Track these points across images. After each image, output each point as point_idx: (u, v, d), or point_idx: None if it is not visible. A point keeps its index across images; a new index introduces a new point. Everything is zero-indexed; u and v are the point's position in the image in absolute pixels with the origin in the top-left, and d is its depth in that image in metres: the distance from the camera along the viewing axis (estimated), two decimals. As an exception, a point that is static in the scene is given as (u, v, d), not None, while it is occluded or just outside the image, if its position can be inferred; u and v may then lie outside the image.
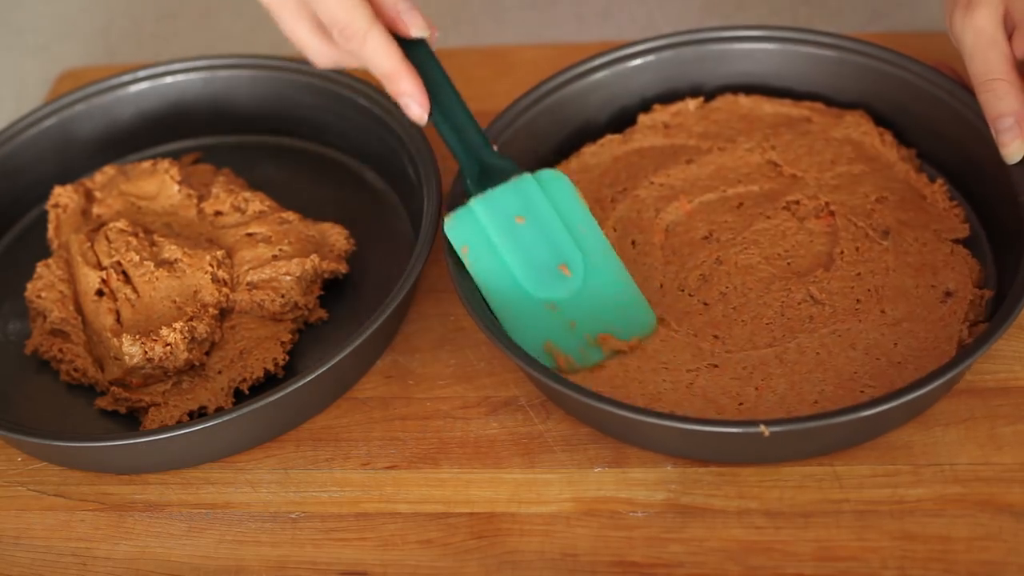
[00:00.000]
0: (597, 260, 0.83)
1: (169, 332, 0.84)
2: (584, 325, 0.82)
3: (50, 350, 0.88)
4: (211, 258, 0.88)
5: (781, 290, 0.83)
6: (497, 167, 0.84)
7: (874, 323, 0.81)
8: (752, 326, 0.82)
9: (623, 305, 0.83)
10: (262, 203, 0.92)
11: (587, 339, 0.82)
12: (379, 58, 0.80)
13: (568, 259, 0.83)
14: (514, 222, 0.83)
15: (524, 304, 0.83)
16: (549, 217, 0.84)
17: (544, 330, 0.82)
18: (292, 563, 0.78)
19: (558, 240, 0.83)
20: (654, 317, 0.82)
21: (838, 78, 0.92)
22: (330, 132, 1.00)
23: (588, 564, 0.76)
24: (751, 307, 0.83)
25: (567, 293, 0.83)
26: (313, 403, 0.84)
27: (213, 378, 0.85)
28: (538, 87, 0.92)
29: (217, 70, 1.00)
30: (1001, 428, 0.78)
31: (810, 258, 0.85)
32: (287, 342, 0.87)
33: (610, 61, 0.93)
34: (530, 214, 0.83)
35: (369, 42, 0.80)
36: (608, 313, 0.82)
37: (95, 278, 0.88)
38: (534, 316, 0.82)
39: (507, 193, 0.84)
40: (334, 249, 0.91)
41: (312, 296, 0.89)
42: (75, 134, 1.00)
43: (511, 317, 0.82)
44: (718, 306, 0.83)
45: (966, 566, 0.73)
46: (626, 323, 0.82)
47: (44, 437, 0.81)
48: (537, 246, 0.83)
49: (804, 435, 0.75)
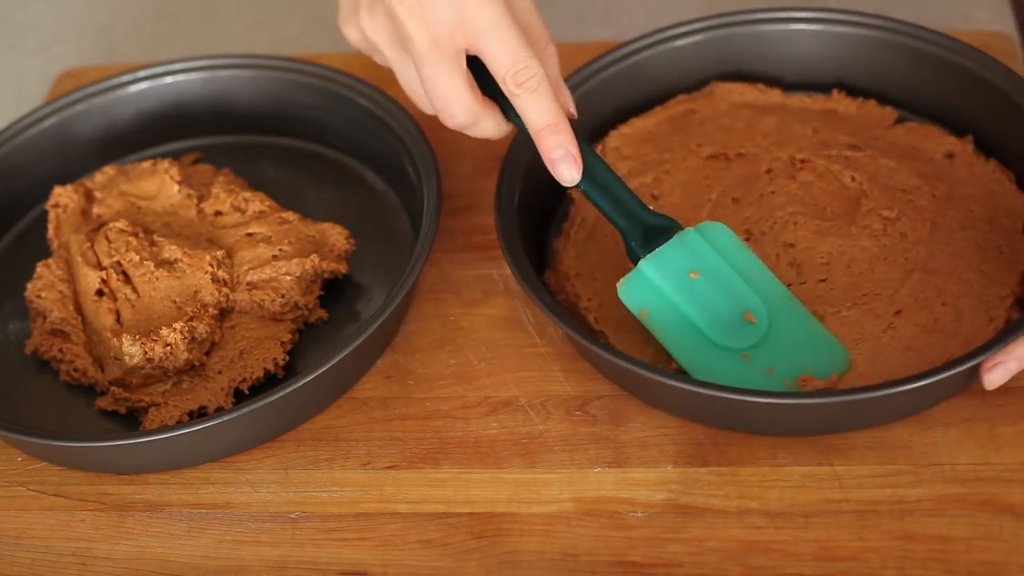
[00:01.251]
0: (777, 303, 0.82)
1: (169, 332, 0.84)
2: (782, 369, 0.80)
3: (50, 350, 0.88)
4: (211, 258, 0.88)
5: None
6: (658, 225, 0.82)
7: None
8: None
9: (814, 344, 0.81)
10: (262, 203, 0.92)
11: (787, 384, 0.80)
12: (546, 107, 0.78)
13: (751, 306, 0.82)
14: (688, 278, 0.82)
15: (717, 357, 0.81)
16: (721, 268, 0.82)
17: (743, 380, 0.80)
18: (292, 563, 0.78)
19: (736, 289, 0.82)
20: (847, 352, 0.81)
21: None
22: (330, 132, 1.00)
23: (588, 564, 0.76)
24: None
25: (756, 340, 0.81)
26: (313, 403, 0.84)
27: (213, 378, 0.85)
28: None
29: (217, 70, 1.00)
30: (1001, 428, 0.78)
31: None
32: (287, 342, 0.87)
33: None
34: (703, 267, 0.82)
35: (541, 89, 0.77)
36: (802, 353, 0.81)
37: (95, 278, 0.88)
38: (730, 368, 0.81)
39: (675, 250, 0.82)
40: (334, 249, 0.91)
41: (312, 296, 0.89)
42: (75, 134, 1.00)
43: (707, 372, 0.80)
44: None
45: (966, 566, 0.73)
46: (820, 361, 0.81)
47: (44, 437, 0.81)
48: (717, 298, 0.81)
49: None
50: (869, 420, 0.78)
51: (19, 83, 1.18)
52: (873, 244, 0.85)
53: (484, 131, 0.80)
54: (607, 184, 0.82)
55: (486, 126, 0.80)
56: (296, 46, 1.16)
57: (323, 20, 1.18)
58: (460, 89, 0.78)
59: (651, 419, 0.81)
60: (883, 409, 0.78)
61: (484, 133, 0.81)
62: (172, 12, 1.23)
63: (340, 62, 1.00)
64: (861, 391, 0.74)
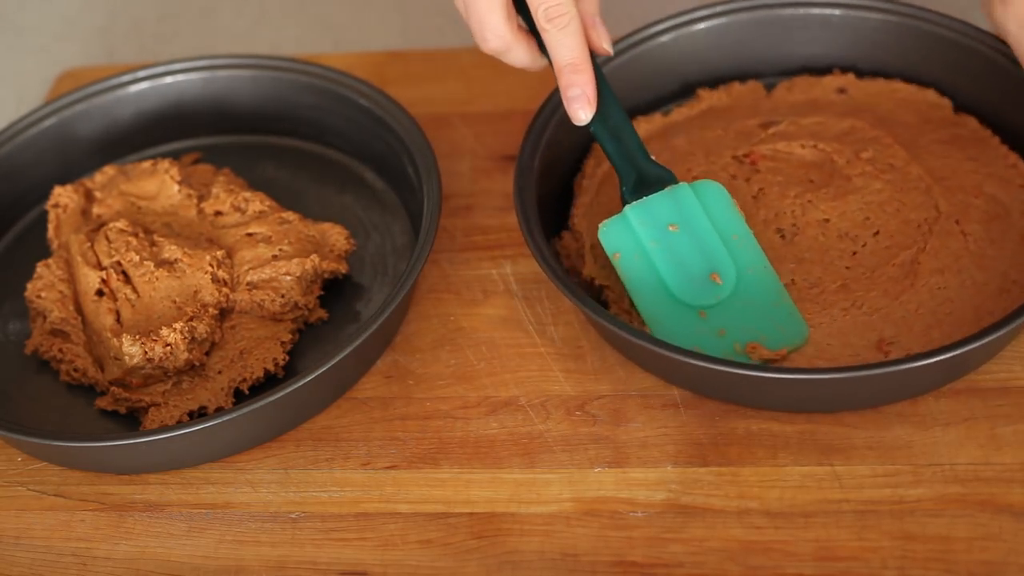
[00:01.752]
0: (750, 270, 0.83)
1: (169, 332, 0.84)
2: (734, 334, 0.81)
3: (50, 350, 0.88)
4: (211, 258, 0.88)
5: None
6: (654, 175, 0.84)
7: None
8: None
9: (775, 316, 0.82)
10: (262, 203, 0.92)
11: (736, 347, 0.81)
12: (571, 45, 0.81)
13: (720, 267, 0.83)
14: (667, 230, 0.83)
15: (674, 310, 0.82)
16: (701, 225, 0.83)
17: (693, 336, 0.81)
18: (292, 563, 0.78)
19: (710, 248, 0.83)
20: (807, 329, 0.82)
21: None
22: (330, 132, 1.00)
23: (588, 564, 0.76)
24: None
25: (716, 301, 0.82)
26: (313, 403, 0.84)
27: (213, 378, 0.85)
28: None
29: (217, 70, 1.00)
30: (1001, 428, 0.78)
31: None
32: (287, 342, 0.87)
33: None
34: (684, 222, 0.83)
35: (570, 27, 0.80)
36: (759, 323, 0.82)
37: (95, 278, 0.88)
38: (684, 322, 0.82)
39: (662, 201, 0.84)
40: (334, 249, 0.91)
41: (312, 296, 0.89)
42: (75, 134, 1.00)
43: (660, 322, 0.82)
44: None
45: (966, 566, 0.73)
46: (777, 333, 0.81)
47: (44, 437, 0.81)
48: (689, 254, 0.83)
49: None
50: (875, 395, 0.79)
51: (19, 83, 1.18)
52: (883, 184, 0.86)
53: (517, 60, 0.83)
54: (616, 128, 0.84)
55: (518, 55, 0.83)
56: (296, 46, 1.16)
57: (323, 20, 1.18)
58: (496, 13, 0.80)
59: (651, 419, 0.81)
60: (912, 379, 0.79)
61: (517, 62, 0.84)
62: (172, 12, 1.23)
63: (340, 62, 1.00)
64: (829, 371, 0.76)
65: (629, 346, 0.83)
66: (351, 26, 1.17)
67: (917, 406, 0.80)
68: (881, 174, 0.87)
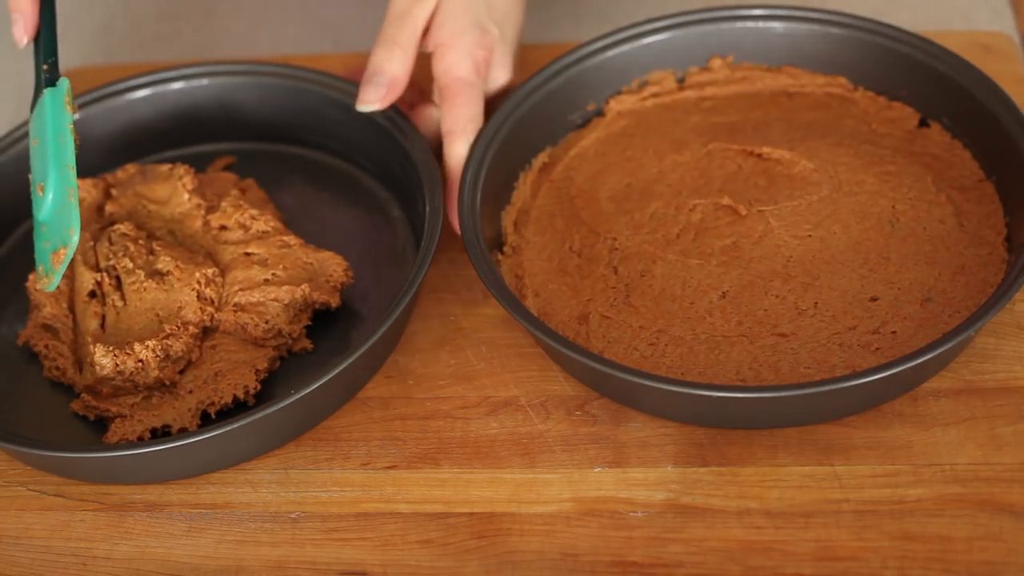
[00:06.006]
0: (58, 174, 0.84)
1: (142, 349, 0.83)
2: (55, 244, 0.83)
3: (38, 344, 0.88)
4: (200, 275, 0.86)
5: None
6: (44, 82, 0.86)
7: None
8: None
9: (62, 220, 0.83)
10: (267, 223, 0.90)
11: (51, 257, 0.83)
12: None
13: (44, 177, 0.84)
14: (33, 146, 0.85)
15: (37, 229, 0.85)
16: (42, 134, 0.85)
17: (42, 254, 0.84)
18: (292, 563, 0.78)
19: (45, 158, 0.84)
20: (78, 227, 0.82)
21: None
22: (358, 153, 0.98)
23: (588, 564, 0.76)
24: None
25: (46, 214, 0.84)
26: (323, 408, 0.84)
27: (183, 397, 0.84)
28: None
29: (256, 76, 0.99)
30: (1001, 428, 0.78)
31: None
32: (262, 370, 0.85)
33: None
34: (39, 135, 0.85)
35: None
36: (58, 229, 0.83)
37: (90, 279, 0.88)
38: (38, 240, 0.84)
39: (35, 118, 0.86)
40: (331, 280, 0.88)
41: (299, 325, 0.87)
42: (90, 135, 0.99)
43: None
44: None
45: (966, 566, 0.73)
46: (63, 238, 0.83)
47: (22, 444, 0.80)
48: (37, 168, 0.85)
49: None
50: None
51: (19, 83, 1.18)
52: (849, 155, 0.89)
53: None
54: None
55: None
56: (296, 46, 1.16)
57: (323, 20, 1.18)
58: None
59: (651, 419, 0.81)
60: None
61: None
62: (172, 12, 1.23)
63: (340, 62, 1.00)
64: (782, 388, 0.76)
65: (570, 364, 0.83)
66: (351, 26, 1.17)
67: (917, 406, 0.80)
68: (858, 145, 0.89)
